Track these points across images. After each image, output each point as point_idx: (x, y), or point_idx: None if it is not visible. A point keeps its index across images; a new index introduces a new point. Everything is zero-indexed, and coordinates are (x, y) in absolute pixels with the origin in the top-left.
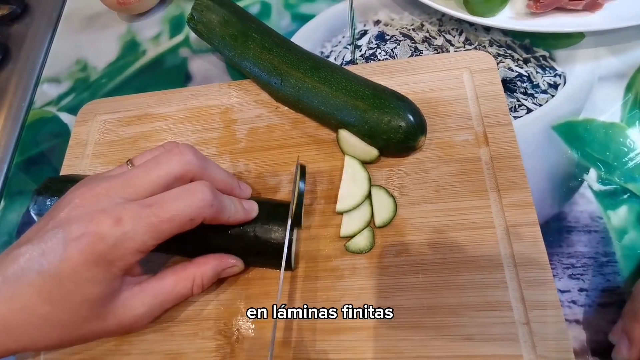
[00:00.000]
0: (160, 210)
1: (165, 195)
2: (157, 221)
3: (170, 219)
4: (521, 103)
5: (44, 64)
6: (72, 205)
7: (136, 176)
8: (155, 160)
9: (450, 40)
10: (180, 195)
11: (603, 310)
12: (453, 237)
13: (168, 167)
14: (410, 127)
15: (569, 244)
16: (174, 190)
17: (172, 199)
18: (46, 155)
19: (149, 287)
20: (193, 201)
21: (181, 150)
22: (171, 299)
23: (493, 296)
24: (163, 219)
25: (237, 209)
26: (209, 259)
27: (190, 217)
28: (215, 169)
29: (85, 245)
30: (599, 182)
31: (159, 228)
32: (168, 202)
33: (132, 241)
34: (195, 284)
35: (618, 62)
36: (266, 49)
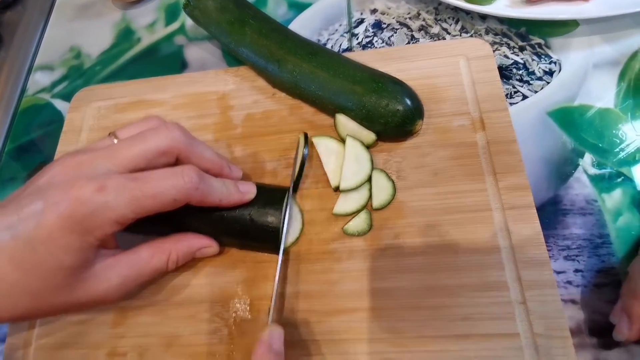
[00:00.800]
0: (145, 186)
1: (152, 172)
2: (141, 195)
3: (154, 195)
4: (517, 90)
5: (37, 51)
6: (52, 172)
7: (121, 148)
8: (141, 135)
9: (446, 29)
10: (167, 175)
11: (598, 290)
12: (450, 219)
13: (154, 142)
14: (408, 110)
15: (565, 227)
16: (161, 170)
17: (159, 177)
18: (39, 143)
19: (124, 258)
20: (179, 182)
21: (168, 126)
22: (146, 272)
23: (490, 276)
24: (147, 194)
25: (230, 192)
26: (186, 237)
27: (174, 198)
28: (202, 147)
29: (64, 209)
30: (593, 167)
31: (141, 202)
32: (154, 180)
33: (112, 211)
34: (170, 259)
35: (612, 50)
36: (263, 35)
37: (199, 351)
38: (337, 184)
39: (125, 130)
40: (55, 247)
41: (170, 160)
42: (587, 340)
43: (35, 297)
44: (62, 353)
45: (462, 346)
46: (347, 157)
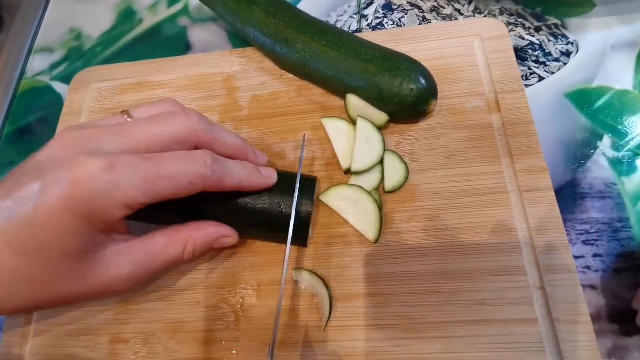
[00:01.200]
0: (160, 166)
1: (165, 154)
2: (155, 175)
3: (170, 177)
4: (532, 71)
5: (36, 33)
6: (52, 147)
7: (135, 127)
8: (157, 117)
9: (459, 9)
10: (181, 157)
11: (618, 275)
12: (465, 202)
13: (171, 126)
14: (422, 89)
15: (583, 210)
16: (174, 152)
17: (173, 158)
18: (38, 126)
19: (138, 244)
20: (194, 165)
21: (187, 113)
22: (160, 261)
23: (507, 260)
24: (162, 174)
25: (250, 173)
26: (204, 225)
27: (189, 180)
28: (224, 134)
29: (64, 189)
30: (612, 149)
31: (155, 184)
32: (168, 161)
33: (122, 192)
34: (187, 249)
35: (629, 31)
36: (271, 13)
37: (205, 337)
38: (348, 165)
39: (140, 109)
40: (56, 231)
41: (187, 149)
42: (607, 326)
43: (39, 285)
44: (64, 338)
45: (477, 332)
46: (358, 139)
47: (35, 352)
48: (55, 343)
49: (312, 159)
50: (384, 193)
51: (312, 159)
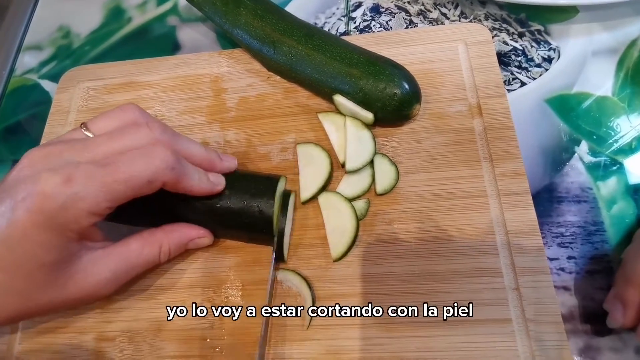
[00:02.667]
0: (116, 170)
1: (122, 155)
2: (112, 180)
3: (127, 179)
4: (515, 76)
5: (26, 31)
6: (20, 166)
7: (97, 143)
8: (120, 132)
9: (445, 14)
10: (139, 155)
11: (591, 277)
12: (445, 205)
13: (134, 140)
14: (405, 94)
15: (559, 214)
16: (132, 152)
17: (130, 159)
18: (27, 124)
19: (114, 251)
20: (153, 163)
21: (150, 124)
22: (138, 265)
23: (484, 262)
24: (118, 179)
25: (200, 179)
26: (178, 227)
27: (148, 179)
28: (188, 143)
29: (32, 205)
30: (589, 154)
31: (113, 188)
32: (125, 163)
33: (83, 202)
34: (162, 250)
35: (610, 38)
36: (258, 16)
37: (189, 336)
38: (343, 160)
39: (98, 122)
40: (32, 245)
41: None
42: (579, 326)
43: (23, 297)
44: (49, 337)
45: (454, 332)
46: (349, 139)
47: (22, 349)
48: (42, 341)
49: None
50: (376, 196)
51: None
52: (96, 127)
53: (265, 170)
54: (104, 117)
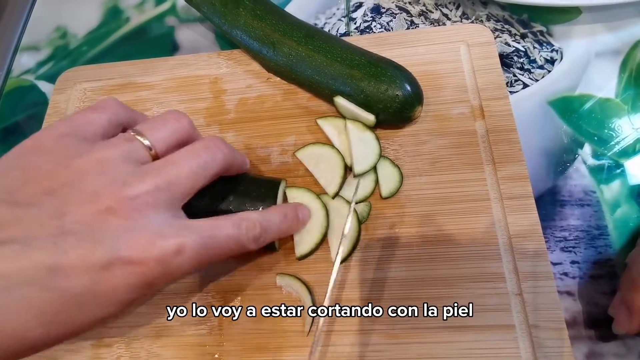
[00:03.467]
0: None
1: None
2: (196, 165)
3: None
4: (517, 78)
5: (23, 31)
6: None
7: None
8: (194, 152)
9: (447, 14)
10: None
11: (595, 282)
12: (447, 209)
13: (213, 166)
14: (407, 96)
15: (562, 218)
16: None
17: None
18: (24, 125)
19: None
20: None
21: (216, 142)
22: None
23: (487, 267)
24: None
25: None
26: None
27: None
28: (240, 158)
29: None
30: (593, 157)
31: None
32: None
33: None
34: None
35: (614, 38)
36: (258, 16)
37: (188, 341)
38: (350, 163)
39: (155, 130)
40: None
41: None
42: (583, 332)
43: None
44: None
45: (457, 338)
46: (352, 141)
47: None
48: None
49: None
50: (381, 199)
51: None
52: (154, 138)
53: (265, 174)
54: (158, 124)
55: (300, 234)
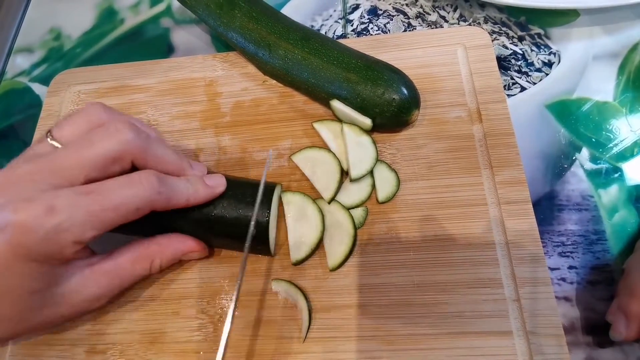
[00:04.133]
0: (103, 199)
1: (107, 182)
2: (99, 209)
3: (115, 207)
4: (515, 81)
5: (17, 33)
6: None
7: (66, 157)
8: (87, 139)
9: (444, 17)
10: (124, 183)
11: (592, 287)
12: (444, 214)
13: (103, 147)
14: (404, 100)
15: (560, 222)
16: (116, 179)
17: (115, 187)
18: (19, 128)
19: (103, 268)
20: (139, 189)
21: (117, 127)
22: (127, 280)
23: (484, 273)
24: (106, 207)
25: (196, 188)
26: (172, 241)
27: (137, 207)
28: (160, 148)
29: (12, 238)
30: (590, 161)
31: (101, 218)
32: (111, 190)
33: (68, 233)
34: (154, 265)
35: (612, 41)
36: (254, 18)
37: (183, 348)
38: (347, 168)
39: (64, 128)
40: (15, 275)
41: (125, 167)
42: (581, 338)
43: (14, 322)
44: (41, 350)
45: (454, 344)
46: (349, 146)
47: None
48: (32, 352)
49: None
50: (379, 204)
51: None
52: (62, 135)
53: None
54: (68, 121)
55: (296, 239)
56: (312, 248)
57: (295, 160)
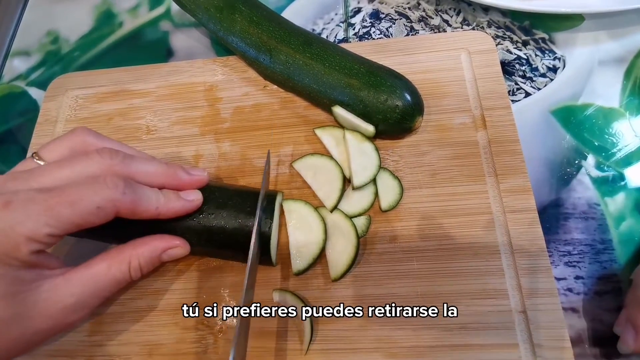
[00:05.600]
0: (61, 194)
1: (69, 182)
2: (55, 204)
3: (72, 202)
4: (519, 87)
5: (14, 36)
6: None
7: (43, 172)
8: (69, 160)
9: (447, 20)
10: (87, 181)
11: (599, 298)
12: (448, 223)
13: (83, 167)
14: (408, 106)
15: (566, 231)
16: (80, 178)
17: (77, 184)
18: (16, 132)
19: (76, 276)
20: (101, 188)
21: (100, 150)
22: (106, 286)
23: (489, 284)
24: (62, 202)
25: (169, 199)
26: (148, 240)
27: (98, 205)
28: (143, 164)
29: None
30: (596, 168)
31: (57, 213)
32: (71, 187)
33: (22, 226)
34: (132, 267)
35: (617, 46)
36: (254, 22)
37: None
38: (349, 175)
39: (49, 149)
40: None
41: None
42: (588, 350)
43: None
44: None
45: (458, 357)
46: (351, 153)
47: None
48: None
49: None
50: (382, 212)
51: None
52: (47, 155)
53: None
54: (54, 143)
55: (297, 249)
56: (314, 258)
57: (297, 167)
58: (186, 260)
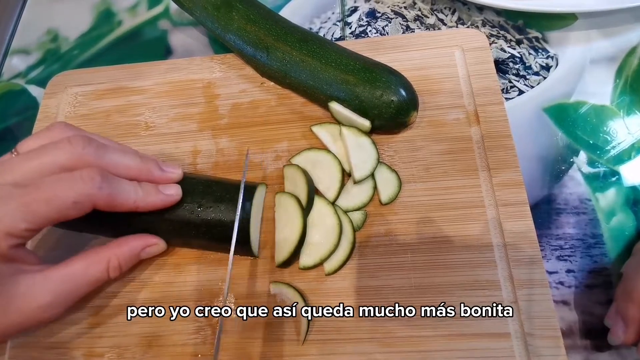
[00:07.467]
0: (36, 190)
1: (45, 178)
2: (31, 200)
3: (48, 199)
4: (513, 84)
5: (13, 34)
6: None
7: (15, 163)
8: (40, 149)
9: (442, 20)
10: (63, 177)
11: (590, 291)
12: (442, 216)
13: (52, 156)
14: (403, 102)
15: (558, 226)
16: (56, 175)
17: (54, 180)
18: (16, 130)
19: (54, 274)
20: (77, 183)
21: (71, 140)
22: (83, 285)
23: (482, 275)
24: (39, 198)
25: (148, 193)
26: (126, 240)
27: (74, 200)
28: (117, 155)
29: None
30: (588, 165)
31: (33, 209)
32: (47, 183)
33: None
34: (111, 266)
35: (610, 45)
36: (251, 20)
37: (181, 351)
38: (349, 170)
39: (27, 142)
40: None
41: None
42: (579, 342)
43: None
44: (38, 352)
45: (452, 346)
46: (350, 148)
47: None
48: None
49: None
50: (382, 205)
51: None
52: (23, 148)
53: (257, 180)
54: (31, 138)
55: (279, 240)
56: (294, 249)
57: (295, 162)
58: (184, 253)
